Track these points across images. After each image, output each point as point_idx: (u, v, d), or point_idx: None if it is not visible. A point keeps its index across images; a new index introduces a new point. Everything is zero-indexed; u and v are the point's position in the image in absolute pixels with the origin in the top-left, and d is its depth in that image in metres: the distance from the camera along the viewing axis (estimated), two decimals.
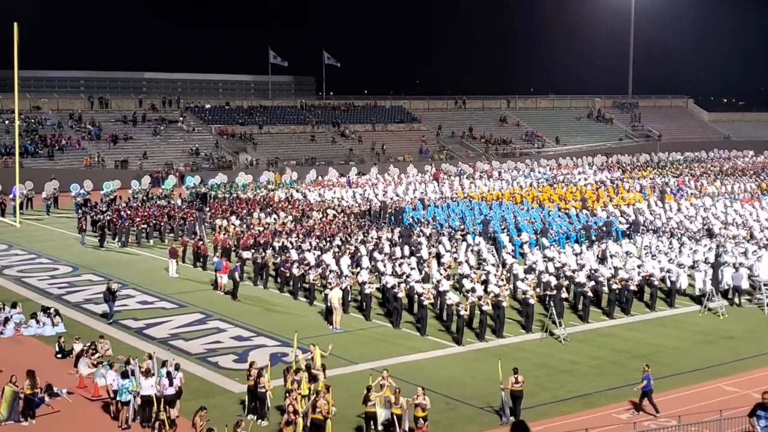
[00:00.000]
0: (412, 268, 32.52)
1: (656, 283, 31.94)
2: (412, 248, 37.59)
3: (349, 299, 30.67)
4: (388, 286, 30.05)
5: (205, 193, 59.02)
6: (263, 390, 20.30)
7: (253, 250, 36.87)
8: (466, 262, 34.60)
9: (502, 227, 43.32)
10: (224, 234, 41.16)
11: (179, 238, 43.06)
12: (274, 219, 46.47)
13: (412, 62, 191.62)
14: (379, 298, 31.40)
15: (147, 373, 20.39)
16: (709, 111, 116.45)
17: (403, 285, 29.79)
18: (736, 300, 32.21)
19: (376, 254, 35.69)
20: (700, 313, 30.84)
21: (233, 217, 46.89)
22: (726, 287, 32.56)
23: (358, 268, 33.39)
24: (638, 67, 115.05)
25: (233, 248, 39.17)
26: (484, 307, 27.11)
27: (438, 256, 36.11)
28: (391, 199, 55.12)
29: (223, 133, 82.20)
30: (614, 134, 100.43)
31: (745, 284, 32.46)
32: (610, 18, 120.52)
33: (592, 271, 32.35)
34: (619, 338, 27.85)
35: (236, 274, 33.11)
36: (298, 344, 25.11)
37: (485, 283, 31.04)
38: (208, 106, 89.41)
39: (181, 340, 27.19)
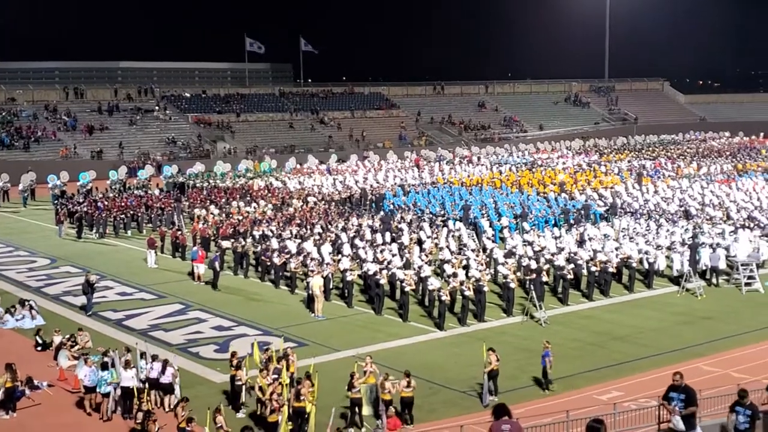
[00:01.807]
0: (393, 255, 32.53)
1: (634, 264, 32.14)
2: (393, 234, 37.61)
3: (331, 287, 30.67)
4: (370, 272, 30.07)
5: (183, 182, 58.73)
6: (239, 383, 20.30)
7: (232, 239, 36.74)
8: (447, 247, 34.65)
9: (482, 212, 43.42)
10: (203, 223, 40.97)
11: (157, 229, 42.80)
12: (254, 207, 46.33)
13: (390, 48, 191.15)
14: (361, 285, 31.40)
15: (127, 365, 20.33)
16: (684, 93, 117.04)
17: (384, 271, 29.82)
18: (714, 280, 32.47)
19: (357, 241, 35.68)
20: (678, 293, 31.10)
21: (212, 207, 46.69)
22: (703, 268, 32.83)
23: (340, 256, 33.40)
24: (614, 51, 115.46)
25: (212, 238, 39.03)
26: (466, 292, 27.19)
27: (419, 242, 36.16)
28: (371, 186, 55.09)
29: (201, 122, 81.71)
30: (591, 118, 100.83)
31: (722, 264, 32.75)
32: (586, 1, 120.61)
33: (571, 254, 32.52)
34: (598, 320, 28.05)
35: (216, 264, 33.00)
36: (281, 333, 25.19)
37: (466, 268, 31.12)
38: (186, 95, 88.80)
39: (161, 330, 27.07)
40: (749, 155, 71.93)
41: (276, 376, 19.78)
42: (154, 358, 20.98)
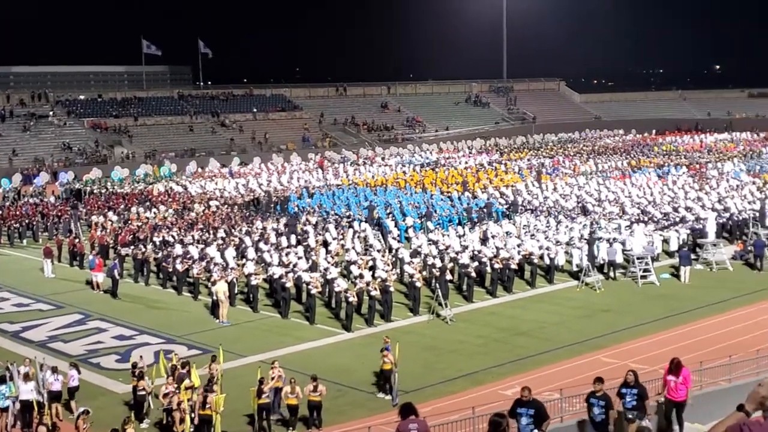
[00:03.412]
0: (299, 257, 32.37)
1: (536, 260, 32.89)
2: (299, 237, 37.45)
3: (236, 292, 30.31)
4: (275, 276, 29.84)
5: (79, 189, 57.12)
6: (143, 393, 19.87)
7: (132, 246, 35.92)
8: (353, 248, 34.70)
9: (387, 212, 43.69)
10: (101, 231, 39.94)
11: (54, 237, 41.56)
12: (154, 213, 45.41)
13: (291, 50, 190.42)
14: (267, 289, 31.14)
15: (26, 378, 19.64)
16: (579, 93, 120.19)
17: (290, 274, 29.64)
18: (612, 274, 33.50)
19: (261, 245, 35.37)
20: (578, 288, 31.95)
21: (110, 213, 45.56)
22: (601, 262, 33.83)
23: (244, 260, 33.03)
24: (511, 52, 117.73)
25: (111, 245, 38.07)
26: (372, 293, 27.30)
27: (325, 244, 36.11)
28: (276, 188, 54.70)
29: (97, 127, 79.48)
30: (491, 118, 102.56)
31: (619, 258, 33.82)
32: (484, 4, 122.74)
33: (475, 252, 33.02)
34: (502, 316, 28.57)
35: (115, 272, 32.20)
36: (184, 341, 24.73)
37: (372, 268, 31.20)
38: (81, 97, 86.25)
39: (60, 342, 26.26)
40: (642, 152, 74.48)
41: (187, 380, 19.40)
42: (54, 370, 20.36)
